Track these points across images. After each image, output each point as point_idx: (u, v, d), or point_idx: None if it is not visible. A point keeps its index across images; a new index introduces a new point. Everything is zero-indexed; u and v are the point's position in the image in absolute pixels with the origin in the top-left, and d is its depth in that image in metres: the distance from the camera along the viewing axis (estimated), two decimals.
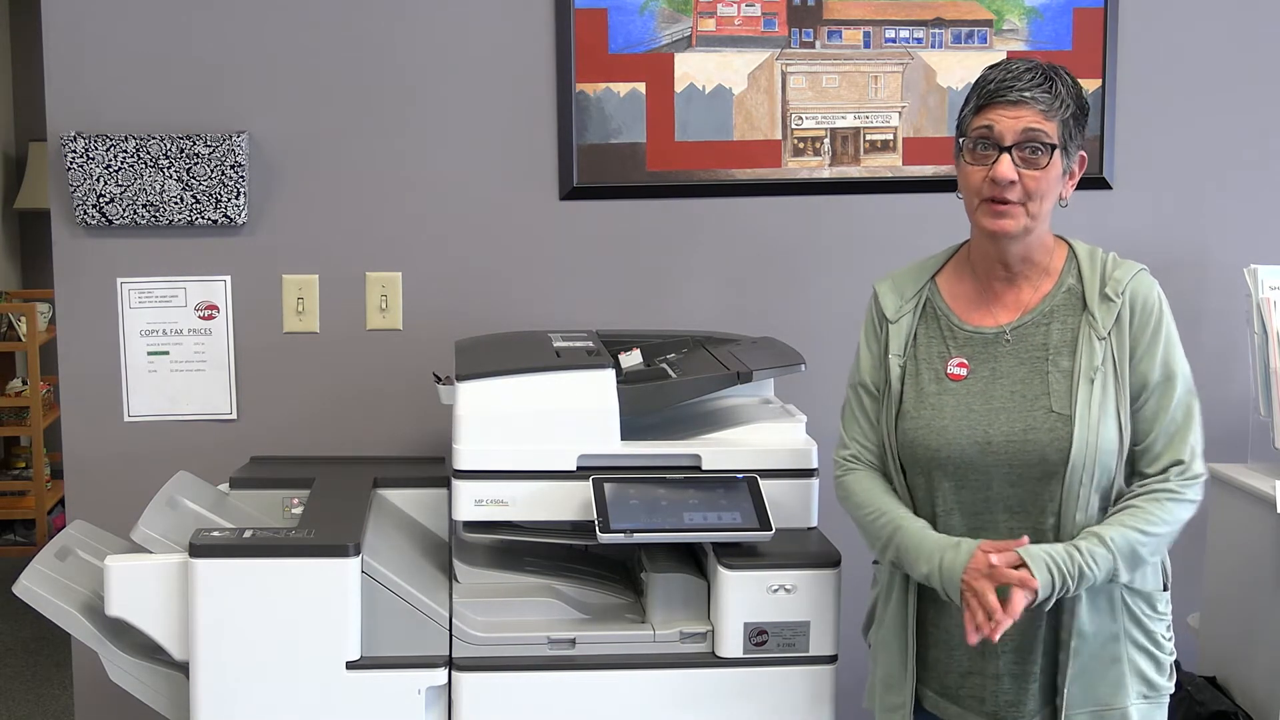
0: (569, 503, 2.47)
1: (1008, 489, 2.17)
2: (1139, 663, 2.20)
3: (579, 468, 2.48)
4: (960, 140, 2.19)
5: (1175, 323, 2.20)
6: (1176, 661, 2.40)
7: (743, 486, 2.47)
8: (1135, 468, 2.18)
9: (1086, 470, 2.12)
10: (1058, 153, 2.12)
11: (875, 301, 2.34)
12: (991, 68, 2.19)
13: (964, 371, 2.21)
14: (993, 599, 2.07)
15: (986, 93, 2.15)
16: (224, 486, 2.83)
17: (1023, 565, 2.08)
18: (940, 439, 2.19)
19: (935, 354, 2.24)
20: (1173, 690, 2.26)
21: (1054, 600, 2.10)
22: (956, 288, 2.28)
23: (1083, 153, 2.20)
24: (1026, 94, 2.11)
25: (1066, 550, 2.09)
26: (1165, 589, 2.25)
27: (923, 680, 2.30)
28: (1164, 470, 2.16)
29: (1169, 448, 2.16)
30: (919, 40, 3.16)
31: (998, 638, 2.07)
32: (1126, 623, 2.19)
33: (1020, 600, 2.06)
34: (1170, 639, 2.25)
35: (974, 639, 2.08)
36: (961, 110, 2.22)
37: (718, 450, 2.53)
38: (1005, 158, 2.11)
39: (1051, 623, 2.18)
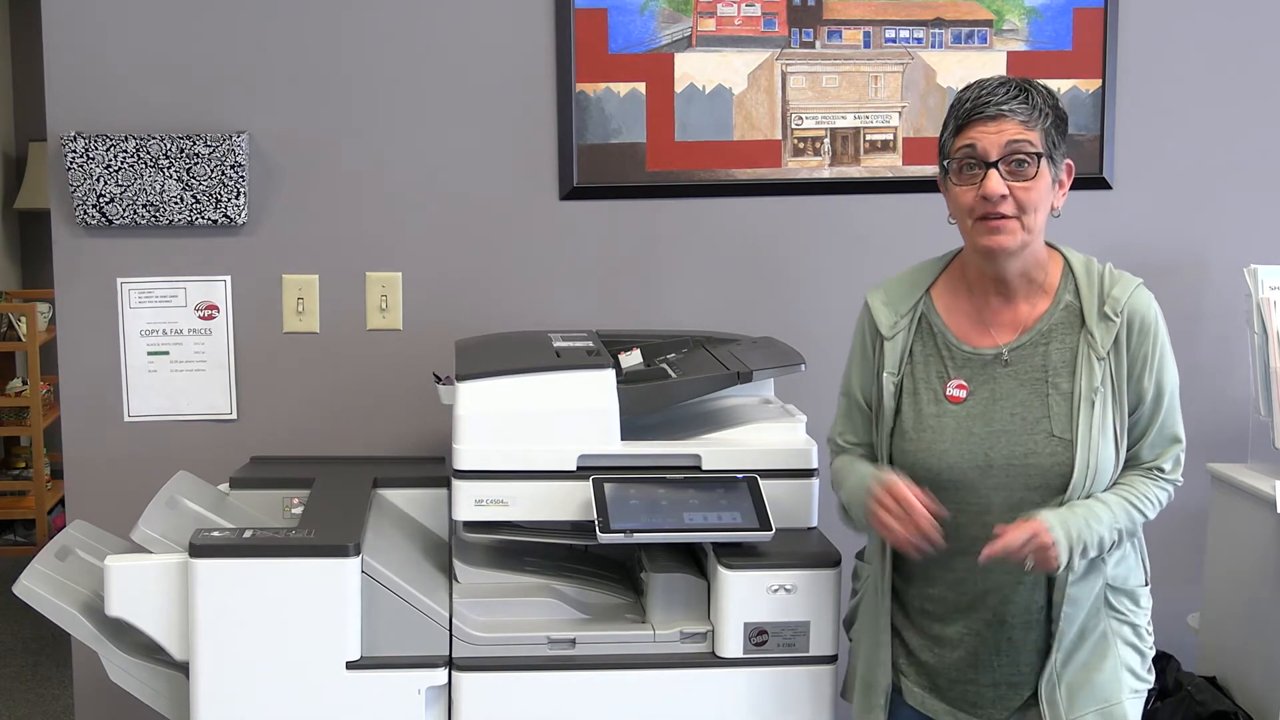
0: (569, 503, 2.47)
1: (1006, 513, 2.15)
2: (1126, 658, 2.22)
3: (579, 468, 2.48)
4: (944, 163, 2.18)
5: (1170, 329, 2.23)
6: (1176, 662, 2.40)
7: (743, 486, 2.47)
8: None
9: (1085, 491, 2.14)
10: (1044, 162, 2.11)
11: (868, 314, 2.32)
12: (964, 89, 2.18)
13: (963, 394, 2.20)
14: (899, 492, 2.11)
15: (963, 112, 2.14)
16: (224, 486, 2.83)
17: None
18: (941, 462, 2.19)
19: (934, 374, 2.23)
20: (1152, 684, 2.28)
21: (1071, 561, 2.10)
22: (952, 304, 2.26)
23: (1069, 161, 2.19)
24: (1004, 107, 2.10)
25: (1068, 509, 2.12)
26: (1145, 584, 2.27)
27: (909, 676, 2.30)
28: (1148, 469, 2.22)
29: (1156, 458, 2.21)
30: (919, 40, 3.16)
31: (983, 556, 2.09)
32: (1112, 621, 2.20)
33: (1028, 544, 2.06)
34: (1151, 634, 2.28)
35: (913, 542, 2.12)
36: (941, 135, 2.21)
37: (718, 450, 2.53)
38: (993, 173, 2.11)
39: (1043, 627, 2.19)
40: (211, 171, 3.02)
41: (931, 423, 2.20)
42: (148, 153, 3.00)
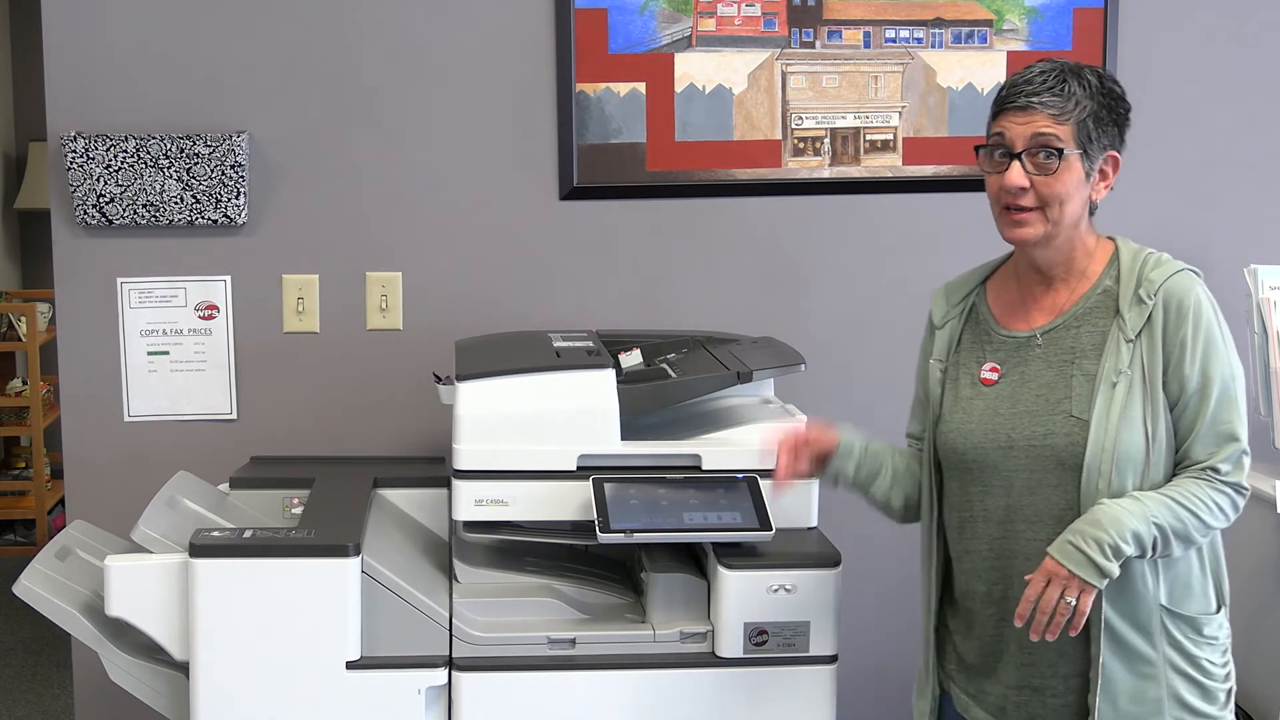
0: (569, 503, 2.47)
1: (1028, 496, 2.14)
2: (1179, 689, 2.12)
3: (579, 468, 2.47)
4: (978, 148, 2.18)
5: (1223, 322, 2.12)
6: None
7: (743, 486, 2.47)
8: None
9: (1103, 476, 2.07)
10: (1074, 157, 2.09)
11: (930, 309, 2.34)
12: (1013, 74, 2.16)
13: (995, 376, 2.20)
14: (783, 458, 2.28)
15: (1000, 98, 2.14)
16: (224, 486, 2.83)
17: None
18: (967, 442, 2.19)
19: (974, 359, 2.24)
20: (1218, 717, 2.15)
21: (1105, 569, 2.00)
22: (1002, 292, 2.27)
23: (1113, 153, 2.15)
24: (1035, 99, 2.09)
25: (1086, 520, 2.02)
26: (1217, 611, 2.16)
27: (957, 682, 2.29)
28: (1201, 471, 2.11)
29: (1210, 457, 2.09)
30: (919, 40, 3.16)
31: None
32: (1166, 648, 2.11)
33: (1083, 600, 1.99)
34: (1225, 664, 2.16)
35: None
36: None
37: (718, 450, 2.53)
38: (1015, 165, 2.10)
39: (1079, 637, 2.10)
40: (211, 171, 3.02)
41: (964, 405, 2.21)
42: (148, 153, 3.00)
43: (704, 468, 2.52)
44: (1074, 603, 1.99)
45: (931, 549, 2.29)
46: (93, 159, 3.00)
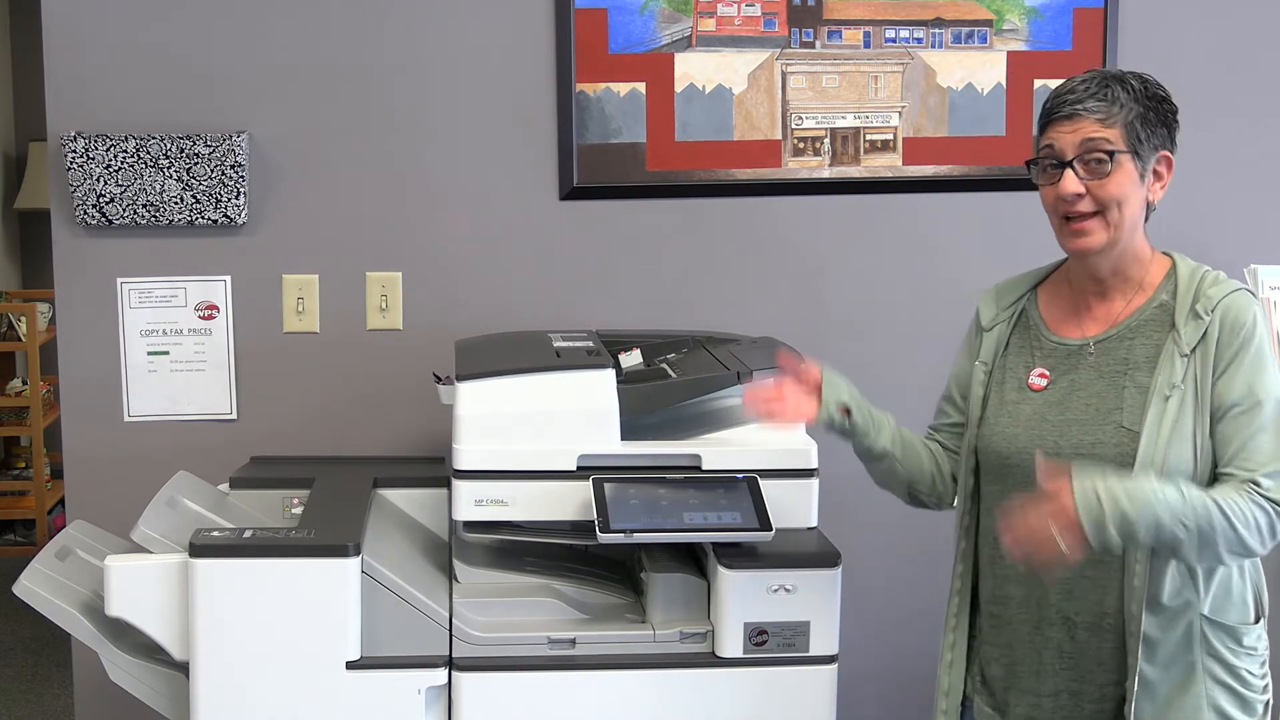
0: (569, 503, 2.47)
1: None
2: (1218, 698, 2.10)
3: (579, 468, 2.48)
4: (1029, 163, 2.18)
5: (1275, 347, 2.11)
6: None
7: (743, 486, 2.47)
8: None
9: None
10: (1126, 158, 2.09)
11: (977, 310, 2.33)
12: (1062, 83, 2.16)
13: (1044, 382, 2.19)
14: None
15: (1045, 111, 2.14)
16: (224, 486, 2.83)
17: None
18: (1011, 446, 2.18)
19: (1021, 364, 2.23)
20: None
21: (1106, 536, 1.95)
22: (1053, 298, 2.26)
23: (1165, 153, 2.15)
24: (1079, 106, 2.09)
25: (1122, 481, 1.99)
26: (1256, 621, 2.14)
27: (981, 694, 2.28)
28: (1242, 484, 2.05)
29: (1252, 472, 2.03)
30: (919, 40, 3.16)
31: None
32: (1204, 656, 2.10)
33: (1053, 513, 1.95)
34: (1264, 677, 2.15)
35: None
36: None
37: (718, 450, 2.53)
38: (1068, 172, 2.09)
39: (1114, 638, 2.11)
40: (211, 171, 3.02)
41: (1010, 409, 2.21)
42: (148, 153, 3.00)
43: (704, 468, 2.52)
44: (1064, 550, 1.95)
45: (965, 551, 2.28)
46: (93, 159, 3.00)
